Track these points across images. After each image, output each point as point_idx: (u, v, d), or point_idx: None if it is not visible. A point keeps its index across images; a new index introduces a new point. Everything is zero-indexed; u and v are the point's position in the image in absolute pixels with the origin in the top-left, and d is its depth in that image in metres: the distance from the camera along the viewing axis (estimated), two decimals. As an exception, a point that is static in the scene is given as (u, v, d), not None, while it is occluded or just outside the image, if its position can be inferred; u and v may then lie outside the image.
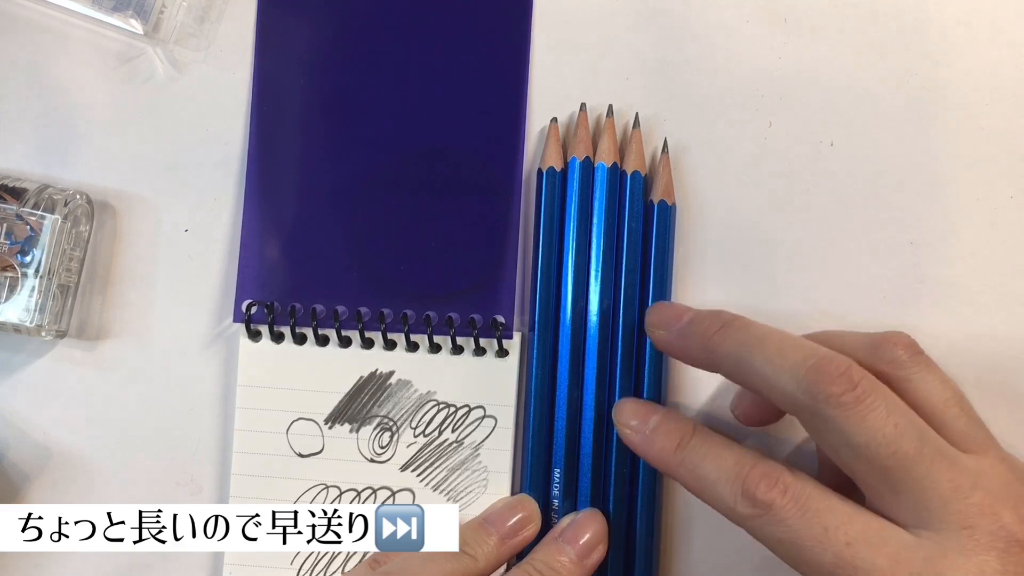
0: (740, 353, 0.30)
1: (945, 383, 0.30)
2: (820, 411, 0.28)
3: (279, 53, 0.37)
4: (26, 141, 0.37)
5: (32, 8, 0.37)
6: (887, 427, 0.27)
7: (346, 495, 0.36)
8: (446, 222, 0.36)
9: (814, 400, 0.28)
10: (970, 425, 0.29)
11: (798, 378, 0.28)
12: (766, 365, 0.29)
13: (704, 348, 0.31)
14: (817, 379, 0.28)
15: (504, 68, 0.36)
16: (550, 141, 0.36)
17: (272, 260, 0.36)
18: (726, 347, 0.30)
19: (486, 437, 0.36)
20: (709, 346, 0.31)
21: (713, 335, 0.31)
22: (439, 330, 0.35)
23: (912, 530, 0.27)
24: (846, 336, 0.31)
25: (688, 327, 0.32)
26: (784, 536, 0.28)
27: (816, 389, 0.28)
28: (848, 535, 0.27)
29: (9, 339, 0.36)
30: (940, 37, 0.37)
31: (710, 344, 0.31)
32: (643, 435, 0.33)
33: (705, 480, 0.30)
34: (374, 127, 0.36)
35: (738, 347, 0.30)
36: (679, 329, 0.32)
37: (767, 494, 0.28)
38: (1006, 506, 0.27)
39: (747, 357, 0.29)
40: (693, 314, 0.32)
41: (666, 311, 0.33)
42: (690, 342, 0.32)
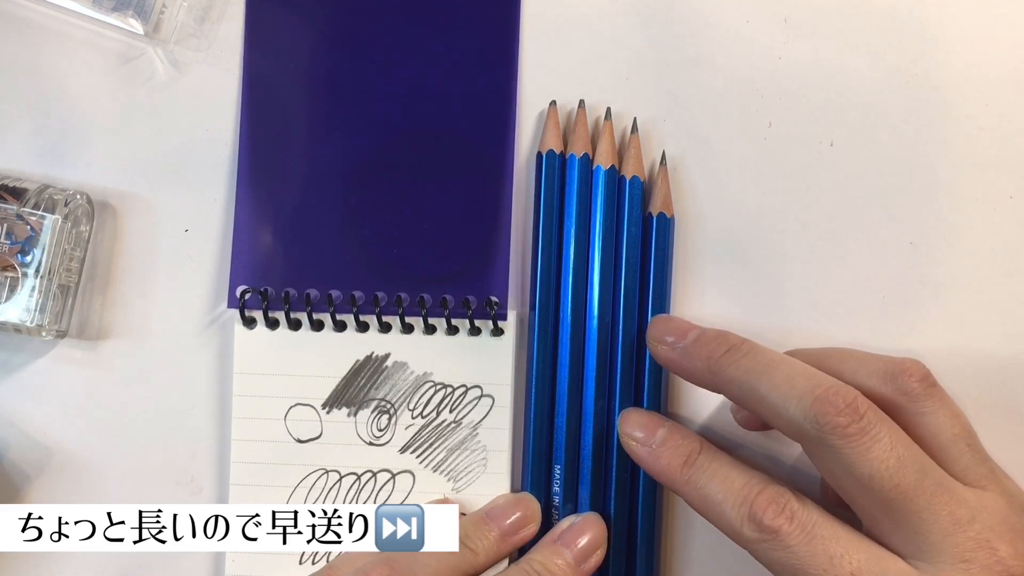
0: (746, 379, 0.30)
1: (956, 418, 0.30)
2: (824, 440, 0.28)
3: (269, 39, 0.37)
4: (26, 141, 0.37)
5: (32, 8, 0.37)
6: (890, 459, 0.27)
7: (346, 479, 0.36)
8: (438, 204, 0.36)
9: (819, 430, 0.28)
10: (975, 460, 0.29)
11: (804, 407, 0.28)
12: (772, 392, 0.29)
13: (708, 370, 0.31)
14: (823, 409, 0.28)
15: (494, 51, 0.36)
16: (549, 124, 0.36)
17: (265, 246, 0.36)
18: (732, 371, 0.30)
19: (484, 416, 0.36)
20: (714, 368, 0.31)
21: (719, 358, 0.31)
22: (434, 311, 0.35)
23: (911, 561, 0.28)
24: (860, 359, 0.31)
25: (693, 347, 0.32)
26: (789, 562, 0.28)
27: (822, 419, 0.28)
28: (852, 565, 0.27)
29: (9, 339, 0.36)
30: (940, 37, 0.37)
31: (715, 367, 0.31)
32: (649, 449, 0.33)
33: (711, 501, 0.30)
34: (365, 111, 0.36)
35: (744, 372, 0.30)
36: (683, 347, 0.32)
37: (774, 520, 0.28)
38: (1002, 540, 0.27)
39: (753, 383, 0.30)
40: (698, 333, 0.32)
41: (670, 325, 0.33)
42: (694, 362, 0.32)
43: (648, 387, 0.35)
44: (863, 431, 0.28)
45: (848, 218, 0.36)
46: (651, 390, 0.35)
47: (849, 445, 0.28)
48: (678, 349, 0.32)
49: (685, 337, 0.32)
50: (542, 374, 0.35)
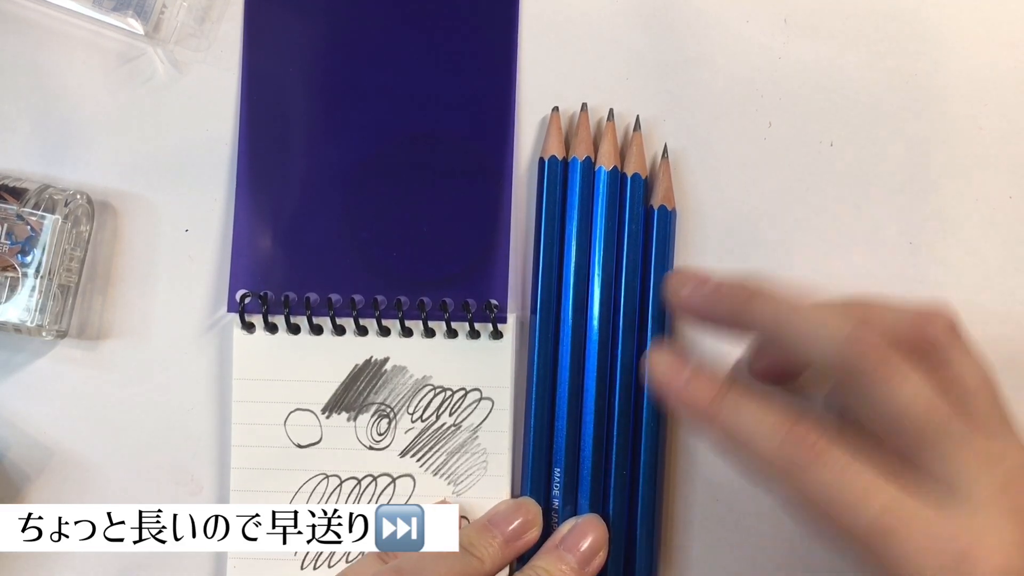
0: (775, 318, 0.30)
1: (979, 367, 0.30)
2: (856, 377, 0.28)
3: (268, 40, 0.37)
4: (26, 141, 0.37)
5: (32, 8, 0.37)
6: (920, 399, 0.27)
7: (346, 483, 0.36)
8: (438, 208, 0.36)
9: (850, 369, 0.28)
10: (995, 409, 0.29)
11: (838, 342, 0.28)
12: (804, 330, 0.29)
13: (733, 315, 0.31)
14: (856, 347, 0.28)
15: (493, 53, 0.36)
16: (552, 130, 0.36)
17: (265, 249, 0.36)
18: (760, 312, 0.30)
19: (484, 419, 0.36)
20: (739, 313, 0.31)
21: (743, 304, 0.31)
22: (433, 315, 0.35)
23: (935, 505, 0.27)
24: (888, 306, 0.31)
25: (715, 294, 0.32)
26: (822, 494, 0.27)
27: (853, 360, 0.28)
28: (883, 501, 0.27)
29: (9, 339, 0.36)
30: (940, 37, 0.37)
31: (741, 312, 0.31)
32: (678, 385, 0.31)
33: (743, 433, 0.29)
34: (364, 115, 0.36)
35: (773, 312, 0.30)
36: (706, 293, 0.32)
37: (811, 450, 0.28)
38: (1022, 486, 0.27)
39: (783, 322, 0.29)
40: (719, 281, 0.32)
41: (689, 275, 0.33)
42: (719, 307, 0.31)
43: (648, 388, 0.35)
44: (895, 369, 0.28)
45: (848, 218, 0.36)
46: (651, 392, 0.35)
47: (880, 382, 0.27)
48: (701, 294, 0.32)
49: (706, 284, 0.32)
50: (543, 377, 0.35)
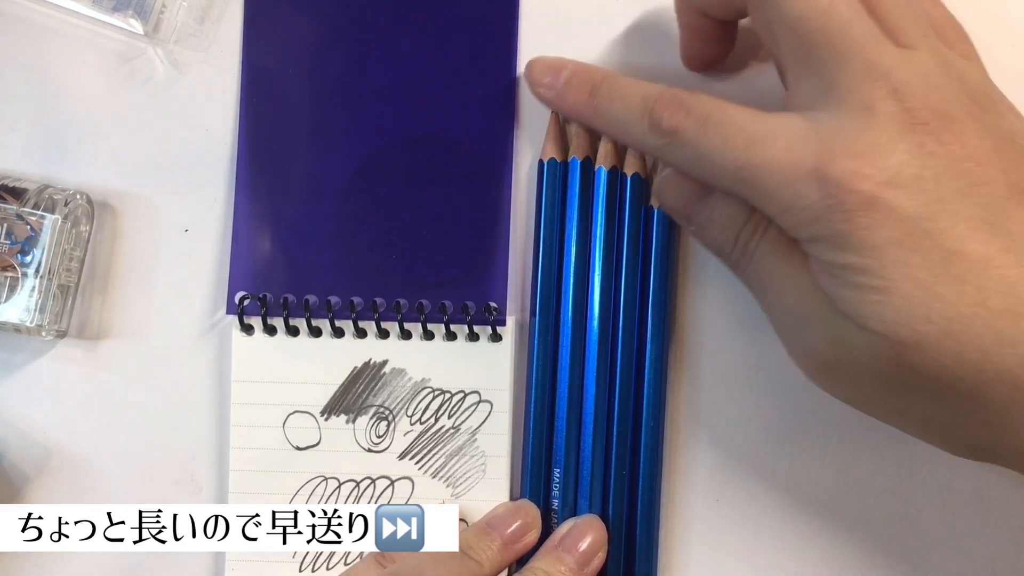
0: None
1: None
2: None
3: (267, 43, 0.37)
4: (26, 141, 0.37)
5: (32, 8, 0.37)
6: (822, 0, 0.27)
7: (345, 486, 0.36)
8: (437, 210, 0.36)
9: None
10: (913, 19, 0.28)
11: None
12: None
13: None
14: None
15: (493, 56, 0.36)
16: (551, 132, 0.36)
17: (264, 251, 0.36)
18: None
19: (482, 422, 0.36)
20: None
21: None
22: (432, 317, 0.35)
23: (815, 116, 0.27)
24: None
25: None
26: (692, 155, 0.29)
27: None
28: (746, 138, 0.28)
29: (9, 339, 0.36)
30: (940, 37, 0.36)
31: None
32: (556, 91, 0.34)
33: (617, 123, 0.32)
34: (364, 116, 0.36)
35: None
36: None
37: (671, 120, 0.29)
38: (916, 94, 0.26)
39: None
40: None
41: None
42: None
43: (648, 389, 0.35)
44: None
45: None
46: (651, 393, 0.35)
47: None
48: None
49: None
50: (542, 379, 0.35)
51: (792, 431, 0.36)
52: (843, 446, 0.36)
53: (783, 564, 0.36)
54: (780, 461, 0.36)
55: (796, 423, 0.36)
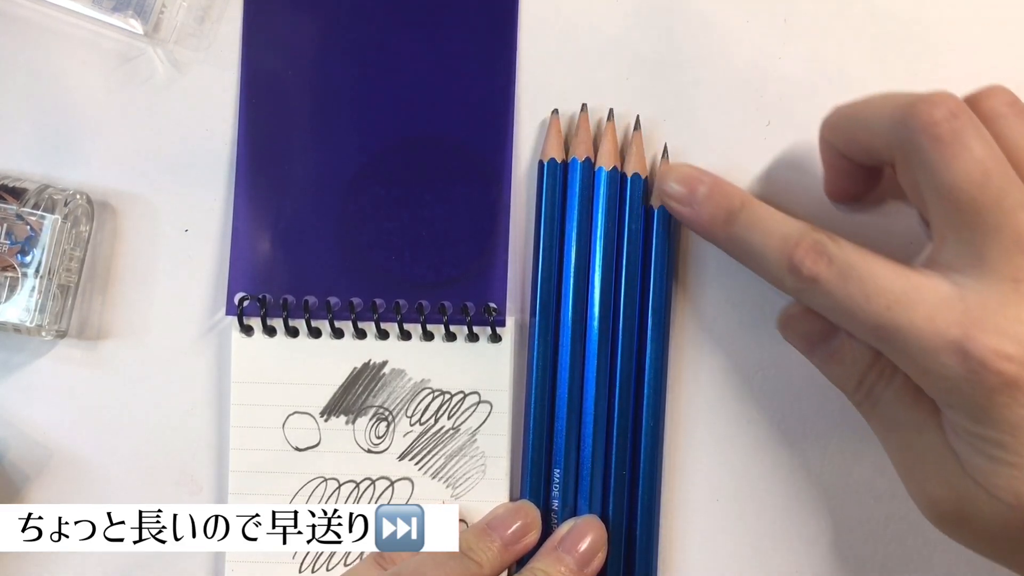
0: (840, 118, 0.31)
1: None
2: (915, 141, 0.27)
3: (267, 43, 0.37)
4: (26, 141, 0.37)
5: (32, 8, 0.37)
6: (976, 171, 0.26)
7: (345, 487, 0.36)
8: (436, 210, 0.36)
9: (910, 130, 0.27)
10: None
11: (901, 109, 0.28)
12: (864, 116, 0.29)
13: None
14: (916, 111, 0.27)
15: (492, 57, 0.36)
16: (551, 133, 0.36)
17: (263, 252, 0.36)
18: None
19: (482, 423, 0.36)
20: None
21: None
22: (432, 318, 0.35)
23: (961, 281, 0.27)
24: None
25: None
26: (831, 305, 0.29)
27: (914, 120, 0.27)
28: (888, 299, 0.27)
29: (9, 339, 0.36)
30: (940, 37, 0.36)
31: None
32: (690, 207, 0.33)
33: (754, 256, 0.31)
34: (362, 117, 0.36)
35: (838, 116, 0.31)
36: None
37: (812, 269, 0.28)
38: None
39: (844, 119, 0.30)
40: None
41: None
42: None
43: (648, 389, 0.35)
44: (955, 134, 0.27)
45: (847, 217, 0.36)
46: (651, 393, 0.35)
47: (938, 149, 0.27)
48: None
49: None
50: (542, 379, 0.35)
51: (792, 431, 0.36)
52: (843, 446, 0.36)
53: (783, 564, 0.36)
54: (780, 461, 0.36)
55: (796, 423, 0.36)
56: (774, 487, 0.36)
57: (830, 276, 0.28)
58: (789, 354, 0.34)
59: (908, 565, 0.36)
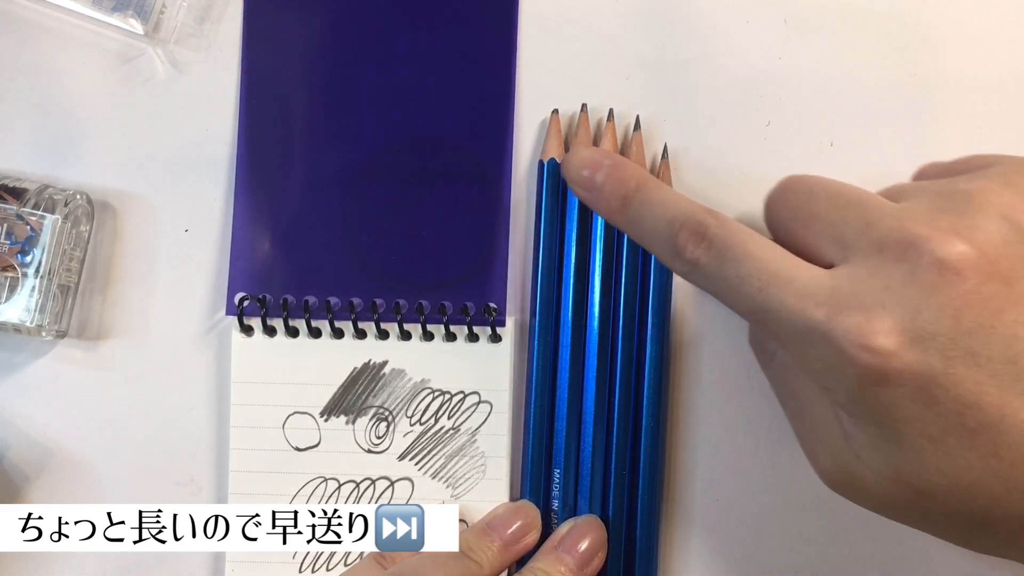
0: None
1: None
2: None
3: (267, 45, 0.37)
4: (26, 141, 0.37)
5: (32, 8, 0.37)
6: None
7: (345, 487, 0.36)
8: (436, 211, 0.36)
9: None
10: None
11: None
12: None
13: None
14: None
15: (492, 57, 0.36)
16: (551, 133, 0.36)
17: (263, 252, 0.36)
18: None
19: (482, 423, 0.36)
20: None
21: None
22: (432, 318, 0.35)
23: (833, 266, 0.27)
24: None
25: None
26: (711, 287, 0.29)
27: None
28: (761, 280, 0.27)
29: (9, 339, 0.36)
30: (940, 37, 0.36)
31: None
32: (591, 192, 0.32)
33: (645, 240, 0.31)
34: (363, 118, 0.36)
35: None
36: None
37: (693, 253, 0.28)
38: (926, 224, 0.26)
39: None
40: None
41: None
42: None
43: (648, 389, 0.35)
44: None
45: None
46: (651, 393, 0.35)
47: None
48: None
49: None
50: (542, 379, 0.35)
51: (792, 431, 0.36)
52: (843, 446, 0.36)
53: (783, 564, 0.36)
54: (780, 461, 0.36)
55: (796, 423, 0.36)
56: (774, 487, 0.36)
57: (709, 260, 0.28)
58: (789, 354, 0.34)
59: (908, 565, 0.36)
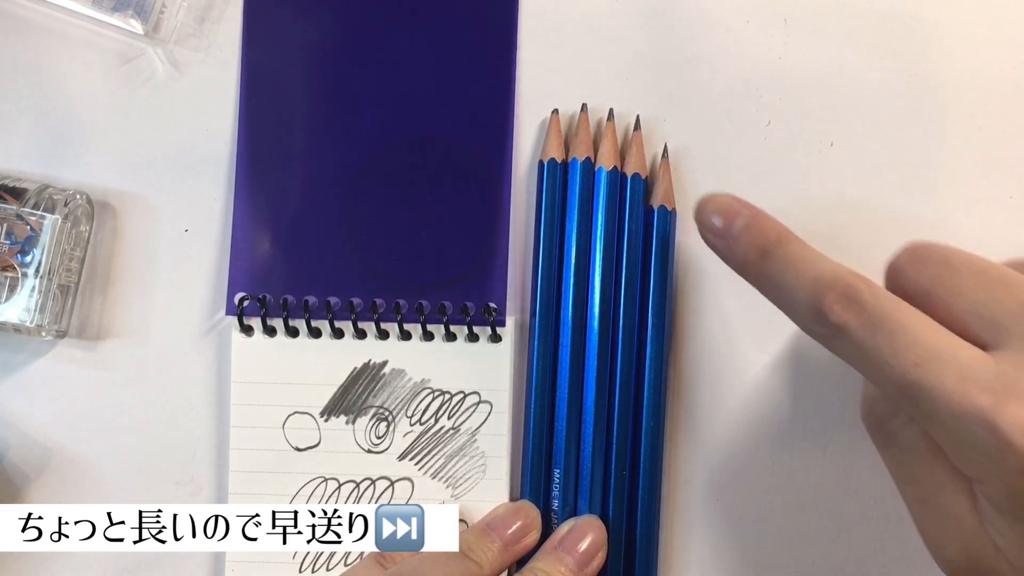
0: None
1: None
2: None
3: (267, 45, 0.37)
4: (26, 141, 0.37)
5: (32, 8, 0.37)
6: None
7: (345, 487, 0.36)
8: (437, 211, 0.36)
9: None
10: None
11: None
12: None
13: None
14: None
15: (492, 57, 0.36)
16: (551, 133, 0.36)
17: (263, 253, 0.36)
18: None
19: (482, 423, 0.36)
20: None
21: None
22: (432, 318, 0.35)
23: (989, 349, 0.26)
24: None
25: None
26: (857, 355, 0.27)
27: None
28: (918, 355, 0.26)
29: (9, 339, 0.36)
30: (940, 37, 0.36)
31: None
32: (725, 241, 0.30)
33: (784, 298, 0.29)
34: (363, 117, 0.36)
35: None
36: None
37: (841, 316, 0.27)
38: None
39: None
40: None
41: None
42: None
43: (648, 389, 0.35)
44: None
45: (848, 218, 0.36)
46: (651, 393, 0.35)
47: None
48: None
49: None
50: (542, 379, 0.35)
51: (792, 431, 0.36)
52: (843, 446, 0.36)
53: (783, 564, 0.36)
54: (780, 461, 0.36)
55: (796, 423, 0.36)
56: (774, 487, 0.36)
57: (859, 325, 0.27)
58: (789, 354, 0.34)
59: (908, 565, 0.36)
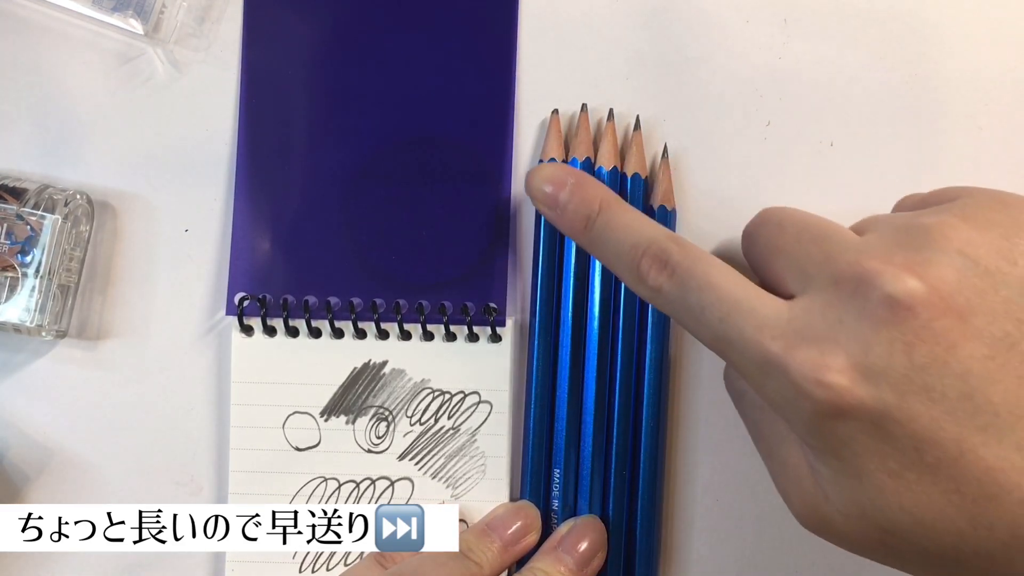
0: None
1: None
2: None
3: (267, 45, 0.37)
4: (26, 141, 0.37)
5: (32, 8, 0.37)
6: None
7: (345, 487, 0.36)
8: (437, 211, 0.36)
9: None
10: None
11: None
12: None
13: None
14: None
15: (492, 57, 0.36)
16: (551, 133, 0.36)
17: (263, 252, 0.36)
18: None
19: (482, 423, 0.36)
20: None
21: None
22: (432, 318, 0.35)
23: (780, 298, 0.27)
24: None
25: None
26: (674, 314, 0.28)
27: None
28: (722, 310, 0.27)
29: (9, 339, 0.36)
30: (940, 37, 0.36)
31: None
32: (555, 211, 0.32)
33: (609, 262, 0.30)
34: (363, 117, 0.36)
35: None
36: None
37: (656, 279, 0.28)
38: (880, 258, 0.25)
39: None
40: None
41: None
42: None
43: (648, 389, 0.35)
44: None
45: (848, 218, 0.36)
46: (651, 393, 0.35)
47: None
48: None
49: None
50: (542, 379, 0.35)
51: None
52: (843, 446, 0.36)
53: (783, 564, 0.36)
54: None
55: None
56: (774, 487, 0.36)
57: (672, 286, 0.28)
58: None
59: (908, 565, 0.36)
